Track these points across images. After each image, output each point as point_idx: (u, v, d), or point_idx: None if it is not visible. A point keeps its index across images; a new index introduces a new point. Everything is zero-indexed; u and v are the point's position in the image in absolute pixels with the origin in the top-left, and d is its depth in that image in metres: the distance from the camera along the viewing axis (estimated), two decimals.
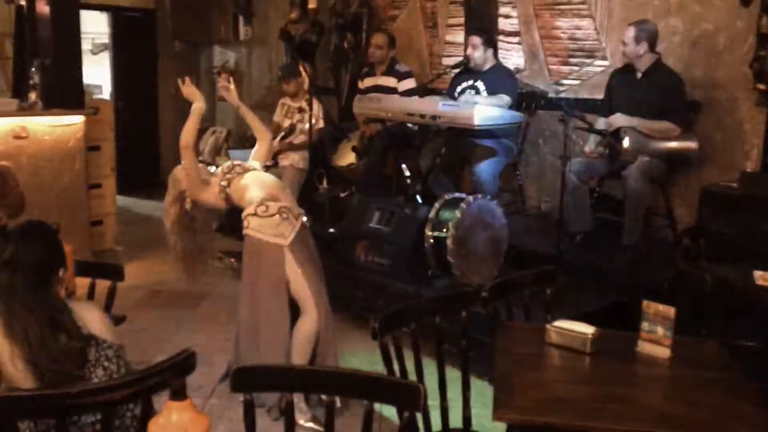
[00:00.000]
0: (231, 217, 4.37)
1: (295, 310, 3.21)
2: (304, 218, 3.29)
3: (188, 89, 3.42)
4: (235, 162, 3.45)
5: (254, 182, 3.31)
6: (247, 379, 1.72)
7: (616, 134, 4.11)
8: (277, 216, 3.14)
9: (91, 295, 2.55)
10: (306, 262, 3.19)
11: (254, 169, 3.42)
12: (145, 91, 8.56)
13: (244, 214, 3.20)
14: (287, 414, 1.71)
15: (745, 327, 3.04)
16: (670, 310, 2.07)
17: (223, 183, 3.32)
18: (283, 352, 3.15)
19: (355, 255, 4.45)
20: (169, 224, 3.49)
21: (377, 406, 1.69)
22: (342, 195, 5.45)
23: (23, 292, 1.70)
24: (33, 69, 5.46)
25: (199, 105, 3.34)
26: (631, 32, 4.24)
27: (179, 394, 1.22)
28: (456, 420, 2.27)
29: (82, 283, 2.65)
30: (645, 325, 2.10)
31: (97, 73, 8.37)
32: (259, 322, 3.17)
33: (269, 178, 3.42)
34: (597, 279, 4.04)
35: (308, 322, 3.17)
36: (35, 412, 1.50)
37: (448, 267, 3.97)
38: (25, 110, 5.19)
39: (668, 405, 1.87)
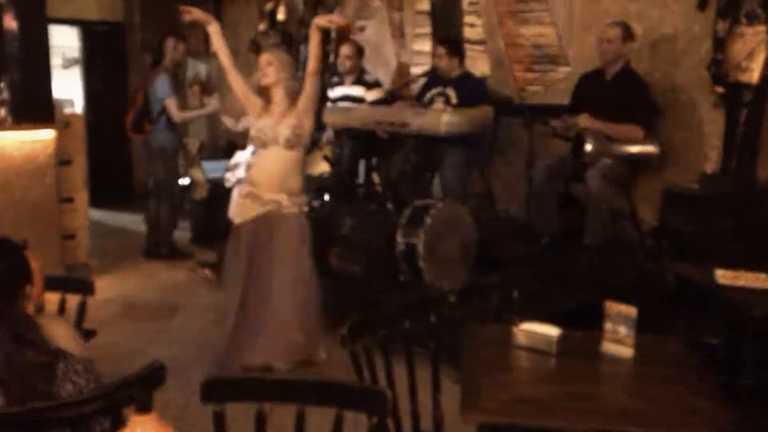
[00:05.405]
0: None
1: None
2: None
3: (195, 14, 3.43)
4: None
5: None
6: (217, 390, 1.74)
7: (579, 137, 4.19)
8: None
9: (61, 310, 2.54)
10: None
11: None
12: (116, 104, 8.50)
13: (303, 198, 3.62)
14: (259, 424, 1.73)
15: (707, 324, 3.12)
16: (632, 310, 2.12)
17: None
18: None
19: (328, 262, 4.49)
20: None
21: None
22: (315, 204, 5.48)
23: None
24: (1, 84, 5.42)
25: (214, 26, 3.44)
26: (616, 31, 4.23)
27: (144, 407, 1.24)
28: (427, 423, 2.30)
29: (53, 298, 2.65)
30: (608, 326, 2.14)
31: (69, 87, 8.31)
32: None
33: None
34: (565, 280, 4.11)
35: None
36: (2, 430, 1.51)
37: (420, 272, 4.02)
38: None
39: (630, 402, 1.91)
